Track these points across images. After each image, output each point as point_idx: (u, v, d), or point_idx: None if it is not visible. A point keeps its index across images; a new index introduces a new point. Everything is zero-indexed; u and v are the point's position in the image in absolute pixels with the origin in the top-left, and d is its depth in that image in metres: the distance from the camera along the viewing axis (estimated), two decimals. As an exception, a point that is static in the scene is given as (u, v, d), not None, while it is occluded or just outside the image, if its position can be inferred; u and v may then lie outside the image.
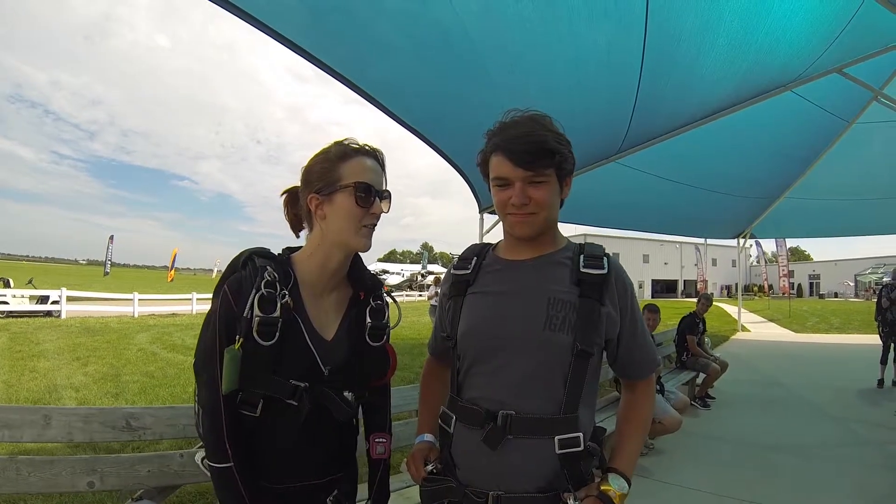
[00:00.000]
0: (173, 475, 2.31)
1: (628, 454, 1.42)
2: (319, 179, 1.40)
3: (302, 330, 1.38)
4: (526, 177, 1.33)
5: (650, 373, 1.51)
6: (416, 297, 43.25)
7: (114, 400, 6.97)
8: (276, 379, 1.33)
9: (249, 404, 1.32)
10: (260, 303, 1.30)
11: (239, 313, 1.31)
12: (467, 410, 1.38)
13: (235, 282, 1.35)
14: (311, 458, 1.42)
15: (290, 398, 1.33)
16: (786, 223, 12.69)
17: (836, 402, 7.49)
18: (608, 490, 1.30)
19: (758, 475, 4.57)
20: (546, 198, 1.35)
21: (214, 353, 1.31)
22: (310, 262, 1.45)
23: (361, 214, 1.40)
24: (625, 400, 1.54)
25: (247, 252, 1.42)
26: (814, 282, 69.18)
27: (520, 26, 3.84)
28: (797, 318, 25.11)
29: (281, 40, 3.62)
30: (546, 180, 1.34)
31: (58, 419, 2.21)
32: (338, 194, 1.38)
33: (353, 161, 1.41)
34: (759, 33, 4.37)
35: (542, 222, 1.38)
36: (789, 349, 14.29)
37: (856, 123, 7.67)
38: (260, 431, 1.36)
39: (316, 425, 1.39)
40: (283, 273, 1.38)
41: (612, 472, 1.35)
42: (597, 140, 6.06)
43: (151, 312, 20.66)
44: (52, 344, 11.50)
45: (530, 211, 1.35)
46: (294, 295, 1.39)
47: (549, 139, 1.33)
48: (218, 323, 1.32)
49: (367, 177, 1.40)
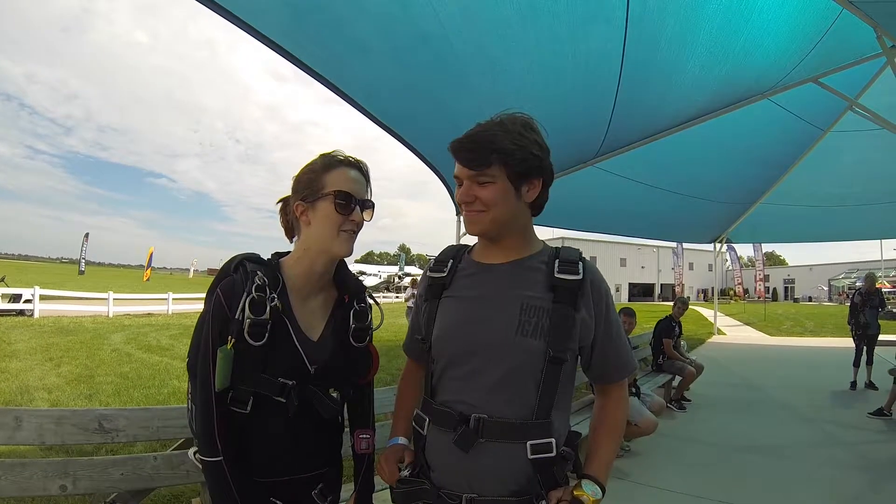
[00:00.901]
0: (147, 478, 2.29)
1: (603, 459, 1.41)
2: (305, 188, 1.49)
3: (290, 331, 1.45)
4: (470, 175, 1.37)
5: (624, 377, 1.50)
6: (394, 298, 43.20)
7: (87, 401, 6.85)
8: (266, 377, 1.40)
9: (240, 402, 1.39)
10: (251, 305, 1.37)
11: (231, 315, 1.38)
12: (441, 413, 1.39)
13: (228, 285, 1.42)
14: (298, 453, 1.49)
15: (278, 396, 1.40)
16: (761, 228, 12.93)
17: (809, 404, 7.62)
18: (581, 495, 1.30)
19: (732, 476, 4.63)
20: (491, 197, 1.36)
21: (208, 353, 1.38)
22: (297, 267, 1.52)
23: (341, 221, 1.47)
24: (598, 405, 1.53)
25: (239, 257, 1.52)
26: (789, 286, 70.40)
27: (499, 30, 3.87)
28: (772, 322, 25.47)
29: (261, 39, 3.61)
30: (491, 180, 1.35)
31: (29, 421, 2.17)
32: (320, 202, 1.46)
33: (336, 171, 1.49)
34: (737, 42, 4.44)
35: (491, 221, 1.39)
36: (764, 352, 14.50)
37: (831, 132, 7.85)
38: (250, 428, 1.42)
39: (303, 422, 1.45)
40: (273, 277, 1.45)
41: (585, 478, 1.35)
42: (575, 144, 6.11)
43: (127, 312, 20.38)
44: (24, 344, 11.28)
45: (477, 209, 1.38)
46: (283, 298, 1.46)
47: (499, 139, 1.34)
48: (211, 324, 1.39)
49: (347, 186, 1.48)
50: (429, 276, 1.56)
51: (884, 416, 6.61)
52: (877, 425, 6.43)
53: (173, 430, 2.36)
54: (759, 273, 34.53)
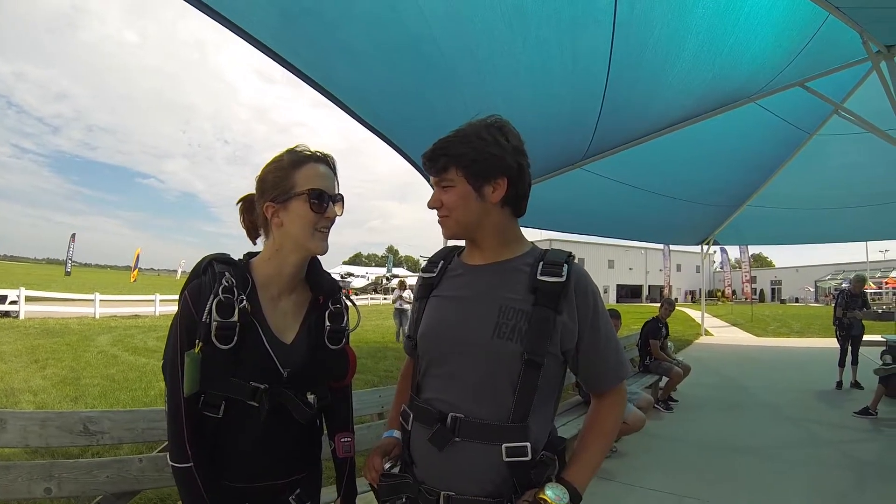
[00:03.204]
0: (132, 480, 2.28)
1: (582, 465, 1.38)
2: (274, 188, 1.44)
3: (260, 333, 1.41)
4: (435, 181, 1.44)
5: (616, 383, 1.45)
6: (381, 300, 43.11)
7: (73, 404, 6.80)
8: (236, 381, 1.36)
9: (212, 406, 1.36)
10: (217, 308, 1.34)
11: (198, 318, 1.34)
12: (423, 410, 1.40)
13: (195, 287, 1.39)
14: (273, 458, 1.45)
15: (250, 399, 1.37)
16: (748, 230, 13.02)
17: (795, 404, 7.71)
18: (543, 499, 1.26)
19: (718, 476, 4.66)
20: (452, 201, 1.41)
21: (176, 358, 1.34)
22: (267, 267, 1.49)
23: (316, 219, 1.44)
24: (591, 408, 1.50)
25: (208, 258, 1.48)
26: (775, 287, 70.95)
27: (486, 32, 3.88)
28: (759, 323, 25.72)
29: (250, 41, 3.61)
30: (451, 184, 1.40)
31: (13, 423, 2.16)
32: (293, 201, 1.43)
33: (306, 168, 1.45)
34: (724, 46, 4.47)
35: (456, 225, 1.44)
36: (751, 353, 14.62)
37: (816, 135, 7.91)
38: (223, 432, 1.40)
39: (277, 426, 1.43)
40: (242, 278, 1.43)
41: (552, 483, 1.31)
42: (562, 146, 6.13)
43: (113, 314, 20.17)
44: (9, 346, 11.15)
45: (443, 214, 1.44)
46: (252, 299, 1.43)
47: (453, 144, 1.39)
48: (179, 328, 1.37)
49: (319, 183, 1.45)
50: (420, 276, 1.59)
51: (869, 415, 6.70)
52: (862, 424, 6.52)
53: (159, 433, 2.35)
54: (745, 274, 34.76)
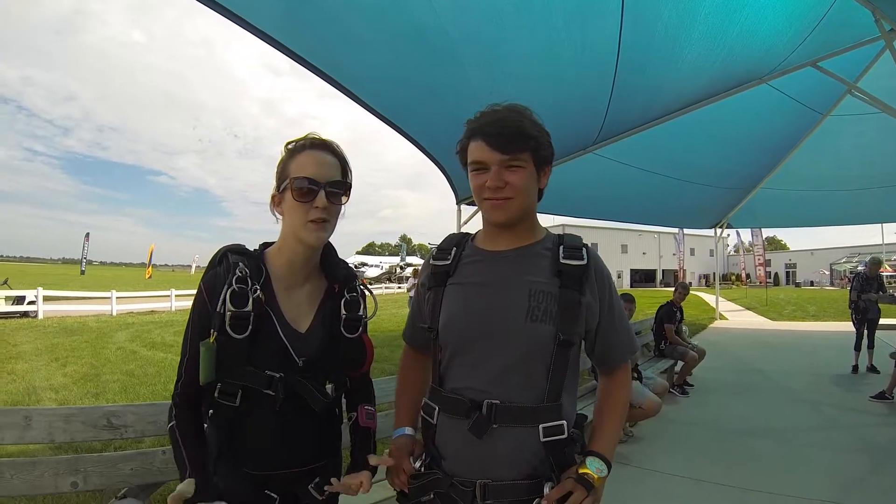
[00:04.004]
0: (156, 472, 2.31)
1: (607, 437, 1.44)
2: (278, 179, 1.46)
3: (274, 323, 1.42)
4: (502, 160, 1.34)
5: (627, 358, 1.53)
6: (396, 289, 43.16)
7: (94, 400, 6.89)
8: (252, 369, 1.38)
9: (229, 394, 1.38)
10: (231, 298, 1.35)
11: (213, 308, 1.37)
12: (451, 401, 1.40)
13: (210, 278, 1.41)
14: (290, 446, 1.45)
15: (265, 388, 1.38)
16: (762, 213, 12.92)
17: (811, 388, 7.65)
18: (586, 473, 1.32)
19: (734, 459, 4.66)
20: (522, 182, 1.36)
21: (190, 344, 1.39)
22: (279, 257, 1.50)
23: (305, 209, 1.41)
24: (602, 386, 1.55)
25: (223, 249, 1.48)
26: (790, 271, 70.25)
27: (494, 18, 3.86)
28: (774, 307, 25.52)
29: (256, 33, 3.60)
30: (522, 165, 1.36)
31: (38, 420, 2.19)
32: (287, 192, 1.43)
33: (300, 156, 1.44)
34: (734, 26, 4.43)
35: (518, 208, 1.39)
36: (766, 337, 14.51)
37: (830, 116, 7.83)
38: (241, 420, 1.41)
39: (293, 415, 1.43)
40: (256, 268, 1.43)
41: (590, 455, 1.37)
42: (573, 131, 6.10)
43: (130, 310, 20.36)
44: (29, 345, 11.31)
45: (506, 195, 1.36)
46: (266, 289, 1.43)
47: (527, 125, 1.36)
48: (194, 318, 1.40)
49: (308, 171, 1.41)
50: (432, 264, 1.55)
51: (885, 399, 6.63)
52: (878, 409, 6.47)
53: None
54: (759, 258, 34.43)
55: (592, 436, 1.45)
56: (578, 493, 1.29)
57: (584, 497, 1.29)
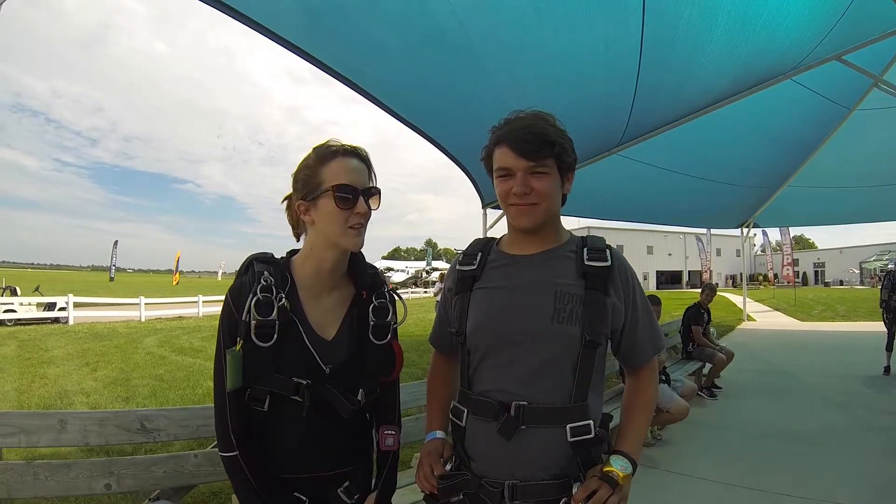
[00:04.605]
0: (189, 475, 2.35)
1: (633, 436, 1.45)
2: (304, 186, 1.45)
3: (300, 331, 1.43)
4: (528, 167, 1.37)
5: (653, 356, 1.53)
6: (422, 293, 43.20)
7: (124, 403, 7.03)
8: (279, 377, 1.40)
9: (258, 400, 1.40)
10: (256, 307, 1.37)
11: (238, 317, 1.39)
12: (480, 403, 1.41)
13: (236, 288, 1.43)
14: (320, 451, 1.47)
15: (293, 395, 1.40)
16: (789, 211, 12.69)
17: (842, 390, 7.49)
18: (611, 471, 1.33)
19: (764, 464, 4.59)
20: (547, 188, 1.39)
21: (220, 355, 1.40)
22: (306, 265, 1.51)
23: (345, 216, 1.43)
24: (629, 386, 1.58)
25: (249, 258, 1.50)
26: (819, 270, 68.98)
27: (515, 20, 3.86)
28: (802, 307, 25.03)
29: (280, 42, 3.65)
30: (547, 171, 1.39)
31: (73, 423, 2.24)
32: (321, 199, 1.43)
33: (333, 164, 1.44)
34: (756, 22, 4.37)
35: (544, 213, 1.42)
36: (795, 338, 14.28)
37: (856, 110, 7.66)
38: (270, 425, 1.44)
39: (321, 421, 1.45)
40: (281, 276, 1.45)
41: (615, 454, 1.38)
42: (597, 132, 6.07)
43: (158, 316, 20.75)
44: (60, 350, 11.56)
45: (531, 201, 1.39)
46: (292, 297, 1.44)
47: (550, 132, 1.38)
48: (221, 327, 1.42)
49: (347, 178, 1.42)
50: (458, 269, 1.57)
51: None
52: (912, 410, 6.28)
53: (213, 429, 2.41)
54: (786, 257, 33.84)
55: (618, 435, 1.47)
56: (603, 490, 1.30)
57: (608, 494, 1.30)
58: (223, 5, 3.18)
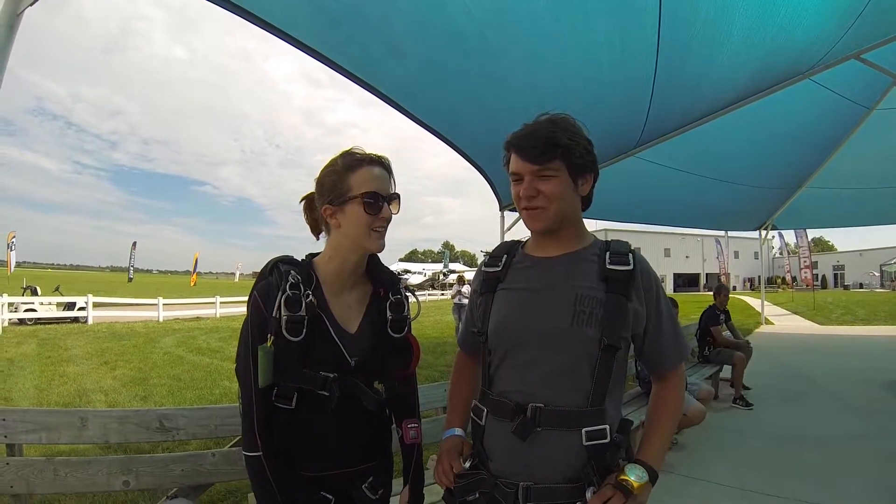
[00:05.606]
0: (206, 474, 2.38)
1: (656, 444, 1.44)
2: (330, 191, 1.52)
3: (327, 325, 1.50)
4: (533, 170, 1.41)
5: (678, 363, 1.53)
6: (439, 295, 43.19)
7: (143, 402, 7.11)
8: (307, 372, 1.46)
9: (285, 397, 1.46)
10: (286, 303, 1.43)
11: (268, 315, 1.44)
12: (498, 403, 1.43)
13: (264, 287, 1.49)
14: (345, 446, 1.53)
15: (321, 389, 1.46)
16: (808, 213, 12.53)
17: (863, 395, 7.38)
18: (625, 480, 1.32)
19: (782, 469, 4.53)
20: (554, 191, 1.41)
21: (248, 354, 1.44)
22: (329, 265, 1.58)
23: (371, 221, 1.50)
24: (654, 392, 1.57)
25: (272, 260, 1.58)
26: (838, 273, 68.07)
27: (532, 23, 3.85)
28: (822, 311, 24.67)
29: (298, 45, 3.67)
30: (554, 174, 1.40)
31: (94, 421, 2.28)
32: (348, 204, 1.50)
33: (360, 171, 1.51)
34: (773, 21, 4.33)
35: (553, 216, 1.43)
36: (814, 342, 14.08)
37: (876, 110, 7.54)
38: (296, 423, 1.49)
39: (347, 415, 1.50)
40: (306, 275, 1.52)
41: (632, 463, 1.37)
42: (614, 135, 6.04)
43: (176, 317, 20.95)
44: (80, 349, 11.72)
45: (539, 204, 1.42)
46: (317, 294, 1.51)
47: (558, 135, 1.39)
48: (251, 325, 1.47)
49: (373, 185, 1.50)
50: (483, 270, 1.60)
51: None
52: (935, 416, 6.17)
53: (231, 428, 2.45)
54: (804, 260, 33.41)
55: (641, 441, 1.46)
56: (616, 498, 1.29)
57: (621, 503, 1.29)
58: (241, 10, 3.21)
